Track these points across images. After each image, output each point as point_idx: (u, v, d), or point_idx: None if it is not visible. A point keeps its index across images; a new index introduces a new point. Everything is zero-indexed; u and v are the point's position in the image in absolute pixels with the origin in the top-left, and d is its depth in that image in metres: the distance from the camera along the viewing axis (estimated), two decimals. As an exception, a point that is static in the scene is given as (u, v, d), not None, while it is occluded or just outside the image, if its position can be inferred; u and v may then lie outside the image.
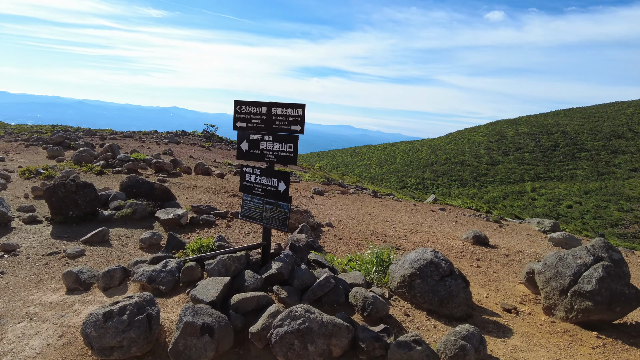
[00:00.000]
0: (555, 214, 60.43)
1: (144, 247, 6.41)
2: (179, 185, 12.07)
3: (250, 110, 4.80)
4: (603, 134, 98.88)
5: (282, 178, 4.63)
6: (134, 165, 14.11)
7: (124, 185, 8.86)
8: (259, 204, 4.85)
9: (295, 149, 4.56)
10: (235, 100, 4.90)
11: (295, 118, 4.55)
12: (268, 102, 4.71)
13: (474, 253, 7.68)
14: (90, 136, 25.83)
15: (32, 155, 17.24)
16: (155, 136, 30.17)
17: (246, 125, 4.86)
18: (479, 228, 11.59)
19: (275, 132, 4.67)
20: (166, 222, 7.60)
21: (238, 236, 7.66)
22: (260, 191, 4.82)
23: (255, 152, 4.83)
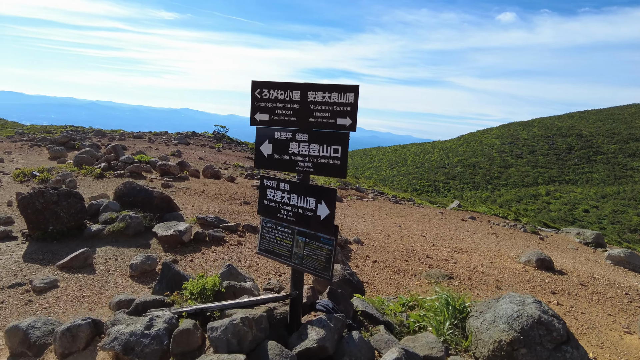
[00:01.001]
0: (571, 218, 58.62)
1: (134, 276, 5.10)
2: (185, 191, 10.82)
3: (275, 96, 3.39)
4: (620, 136, 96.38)
5: (323, 197, 3.19)
6: (137, 167, 12.92)
7: (118, 193, 7.58)
8: (286, 234, 3.42)
9: (344, 154, 3.15)
10: (253, 81, 3.47)
11: (344, 107, 3.15)
12: (303, 84, 3.31)
13: (544, 282, 6.26)
14: (99, 137, 24.96)
15: (34, 156, 16.22)
16: (165, 137, 29.42)
17: (269, 117, 3.44)
18: (522, 242, 10.15)
19: (312, 127, 3.29)
20: (165, 240, 6.30)
21: (251, 257, 6.33)
22: (289, 215, 3.41)
23: (283, 158, 3.43)
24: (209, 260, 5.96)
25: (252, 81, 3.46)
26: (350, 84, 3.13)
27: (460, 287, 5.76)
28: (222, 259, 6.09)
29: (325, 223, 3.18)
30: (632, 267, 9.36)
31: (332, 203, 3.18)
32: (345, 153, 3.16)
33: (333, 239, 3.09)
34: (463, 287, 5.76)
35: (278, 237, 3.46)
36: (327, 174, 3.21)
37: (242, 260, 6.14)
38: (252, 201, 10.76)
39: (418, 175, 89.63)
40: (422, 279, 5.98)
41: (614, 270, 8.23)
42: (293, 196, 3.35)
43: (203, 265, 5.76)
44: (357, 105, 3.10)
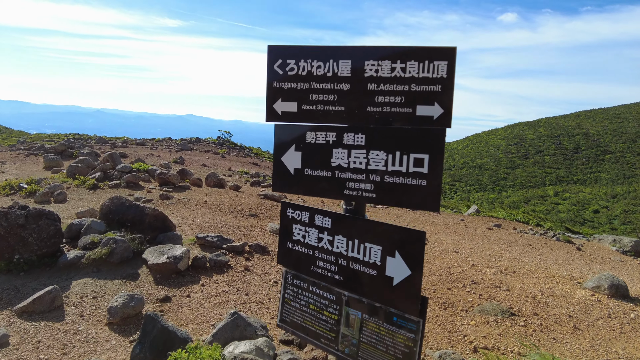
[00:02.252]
0: (581, 219, 57.34)
1: (113, 323, 3.97)
2: (185, 203, 9.71)
3: (309, 70, 2.18)
4: (628, 135, 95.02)
5: (398, 244, 2.03)
6: (134, 177, 11.88)
7: (104, 210, 6.47)
8: (328, 302, 2.21)
9: (435, 169, 1.95)
10: (272, 46, 2.26)
11: (429, 85, 1.96)
12: (357, 47, 2.11)
13: (630, 318, 5.05)
14: (100, 144, 24.15)
15: (29, 165, 15.28)
16: (168, 143, 28.65)
17: (298, 108, 2.24)
18: (563, 255, 8.97)
19: (373, 122, 2.12)
20: (157, 269, 5.18)
21: (262, 289, 5.19)
22: (332, 272, 2.23)
23: (320, 176, 2.24)
24: (210, 295, 4.83)
25: (268, 46, 2.25)
26: (440, 46, 1.94)
27: (529, 327, 4.59)
28: (225, 293, 4.96)
29: (403, 292, 1.97)
30: (695, 283, 8.15)
31: (417, 255, 1.97)
32: (438, 166, 1.95)
33: (419, 322, 1.91)
34: (532, 327, 4.59)
35: (313, 305, 2.25)
36: (402, 203, 2.01)
37: (250, 294, 5.00)
38: (260, 213, 9.65)
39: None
40: (477, 316, 4.81)
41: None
42: (339, 239, 2.15)
43: (202, 303, 4.62)
44: (454, 82, 1.93)
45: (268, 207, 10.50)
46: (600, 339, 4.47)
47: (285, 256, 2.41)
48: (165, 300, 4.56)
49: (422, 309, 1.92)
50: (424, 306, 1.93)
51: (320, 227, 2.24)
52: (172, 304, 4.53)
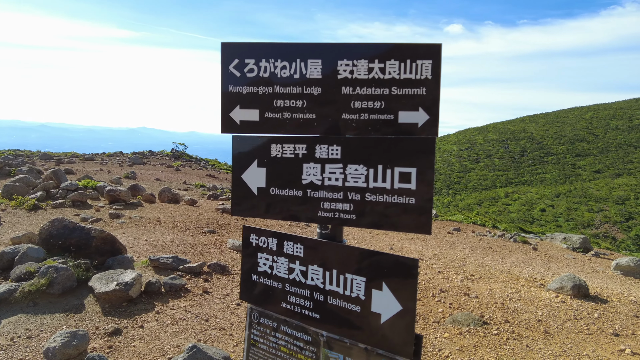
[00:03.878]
0: (530, 218, 60.45)
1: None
2: (137, 221, 9.10)
3: (272, 71, 1.90)
4: (567, 138, 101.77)
5: (386, 274, 1.77)
6: (81, 195, 11.05)
7: (44, 235, 5.84)
8: (302, 344, 1.89)
9: (425, 185, 1.72)
10: (225, 44, 1.94)
11: (412, 87, 1.74)
12: (328, 45, 1.85)
13: (594, 318, 5.10)
14: (44, 160, 22.58)
15: (-44, 186, 13.84)
16: (120, 158, 27.36)
17: (261, 116, 1.94)
18: (523, 256, 9.19)
19: (349, 131, 1.86)
20: (105, 297, 4.68)
21: (224, 313, 4.81)
22: (306, 308, 1.93)
23: (288, 196, 1.95)
24: (165, 324, 4.40)
25: (222, 44, 1.93)
26: (424, 43, 1.74)
27: (502, 336, 4.50)
28: (183, 320, 4.55)
29: (394, 330, 1.71)
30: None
31: (409, 287, 1.71)
32: (427, 181, 1.71)
33: None
34: (505, 335, 4.50)
35: (284, 347, 1.94)
36: (387, 224, 1.76)
37: (211, 320, 4.62)
38: (218, 228, 9.21)
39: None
40: (450, 327, 4.68)
41: (632, 284, 7.32)
42: (314, 270, 1.87)
43: (158, 334, 4.19)
44: (440, 83, 1.71)
45: (227, 222, 10.06)
46: (571, 342, 4.46)
47: (250, 291, 2.08)
48: (115, 334, 4.09)
49: (416, 349, 1.69)
50: (418, 346, 1.69)
51: (291, 255, 1.95)
52: (123, 337, 4.06)
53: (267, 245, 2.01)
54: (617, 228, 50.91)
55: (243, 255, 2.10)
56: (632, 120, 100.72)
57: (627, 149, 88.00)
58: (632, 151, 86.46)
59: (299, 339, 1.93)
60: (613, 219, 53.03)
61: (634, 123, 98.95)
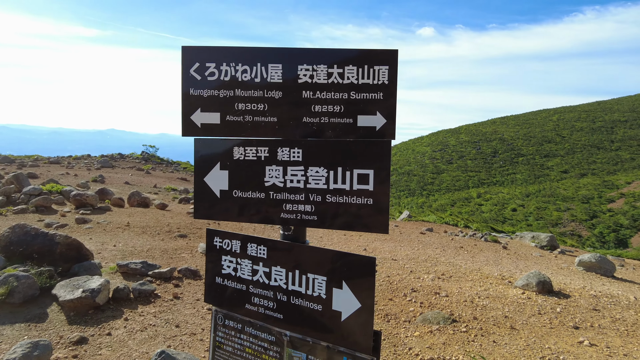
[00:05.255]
0: (502, 218, 62.11)
1: (12, 380, 3.34)
2: (105, 226, 8.86)
3: (233, 75, 1.90)
4: (536, 139, 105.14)
5: (345, 273, 1.80)
6: (45, 200, 10.66)
7: (3, 242, 5.61)
8: (267, 344, 1.90)
9: (382, 185, 1.77)
10: (186, 47, 1.94)
11: (370, 92, 1.78)
12: (288, 49, 1.88)
13: (557, 313, 5.28)
14: (5, 164, 21.65)
15: None
16: (87, 161, 26.49)
17: (222, 119, 1.94)
18: (493, 255, 9.44)
19: (310, 135, 1.90)
20: (70, 305, 4.53)
21: (194, 318, 4.74)
22: (270, 309, 1.95)
23: (251, 198, 1.96)
24: (134, 331, 4.30)
25: (183, 47, 1.93)
26: (381, 49, 1.79)
27: (470, 333, 4.61)
28: (153, 326, 4.45)
29: (353, 328, 1.74)
30: (603, 272, 8.93)
31: (367, 285, 1.75)
32: (384, 183, 1.75)
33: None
34: (473, 332, 4.61)
35: (249, 349, 1.95)
36: (347, 225, 1.80)
37: (181, 325, 4.54)
38: (189, 233, 9.07)
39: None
40: (420, 326, 4.75)
41: (594, 279, 7.64)
42: (277, 271, 1.88)
43: (126, 341, 4.09)
44: (396, 88, 1.76)
45: (198, 226, 9.92)
46: (535, 336, 4.62)
47: (214, 293, 2.08)
48: (80, 343, 3.97)
49: (375, 345, 1.72)
50: (377, 342, 1.72)
51: (255, 257, 1.95)
52: (89, 345, 3.94)
53: (231, 247, 2.01)
54: (583, 226, 52.92)
55: (207, 258, 2.08)
56: (595, 122, 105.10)
57: (591, 150, 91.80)
58: (595, 152, 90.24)
59: (263, 340, 1.94)
60: (579, 217, 55.11)
61: (596, 125, 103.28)
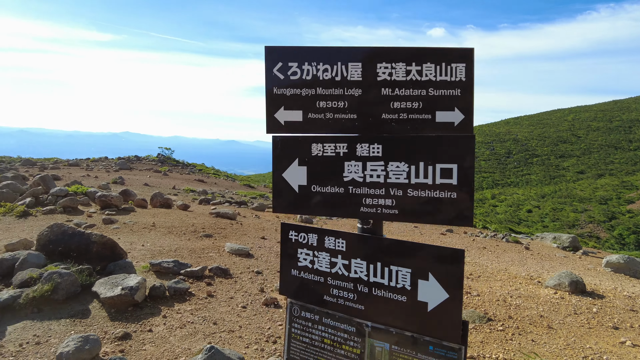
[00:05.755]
0: (517, 219, 61.36)
1: (65, 373, 3.44)
2: (132, 226, 9.01)
3: (314, 74, 1.95)
4: (550, 139, 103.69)
5: (432, 266, 1.84)
6: (72, 201, 10.88)
7: (43, 240, 5.76)
8: (347, 335, 1.92)
9: (465, 180, 1.79)
10: (269, 47, 1.98)
11: (448, 89, 1.82)
12: (368, 49, 1.92)
13: (593, 313, 5.24)
14: (27, 167, 22.17)
15: (-62, 194, 13.48)
16: (105, 163, 26.97)
17: (304, 117, 2.00)
18: (517, 256, 9.37)
19: (390, 130, 1.93)
20: (110, 302, 4.64)
21: (230, 316, 4.81)
22: (350, 300, 1.97)
23: (330, 193, 2.00)
24: (174, 328, 4.38)
25: (266, 47, 1.99)
26: (458, 47, 1.82)
27: (507, 332, 4.60)
28: (191, 323, 4.53)
29: (440, 318, 1.77)
30: (632, 273, 8.80)
31: (456, 276, 1.78)
32: (469, 177, 1.78)
33: (460, 349, 1.72)
34: (510, 331, 4.60)
35: (328, 339, 1.99)
36: (428, 218, 1.84)
37: (219, 322, 4.61)
38: (214, 233, 9.17)
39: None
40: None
41: (623, 280, 7.53)
42: (357, 264, 1.92)
43: (167, 337, 4.18)
44: (473, 84, 1.81)
45: (222, 226, 10.02)
46: (574, 336, 4.59)
47: (289, 285, 2.14)
48: (125, 338, 4.07)
49: (463, 334, 1.76)
50: (465, 331, 1.76)
51: (333, 250, 2.00)
52: (133, 341, 4.04)
53: (307, 240, 2.06)
54: (601, 227, 52.01)
55: (282, 252, 2.14)
56: (612, 122, 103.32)
57: (608, 150, 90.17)
58: (612, 152, 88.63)
59: (342, 330, 1.98)
60: (597, 218, 54.17)
61: (613, 125, 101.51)
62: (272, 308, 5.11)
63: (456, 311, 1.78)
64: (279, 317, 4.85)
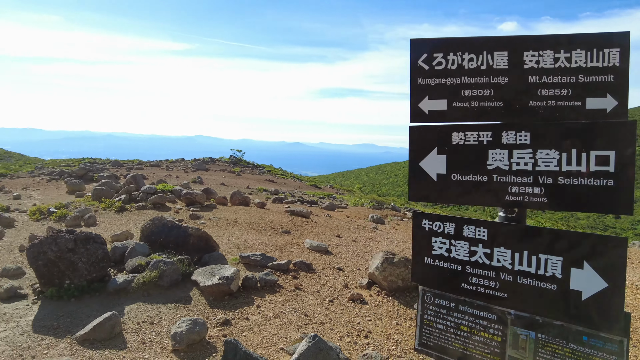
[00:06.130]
0: (602, 226, 56.23)
1: (179, 350, 3.76)
2: (216, 222, 9.56)
3: (459, 64, 1.99)
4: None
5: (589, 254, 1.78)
6: (160, 198, 11.77)
7: (146, 232, 6.32)
8: (486, 322, 1.92)
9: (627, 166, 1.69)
10: (415, 40, 2.05)
11: (599, 75, 1.77)
12: (513, 38, 1.93)
13: None
14: (116, 167, 24.41)
15: (52, 190, 15.34)
16: (183, 164, 28.81)
17: (448, 106, 2.02)
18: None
19: (538, 117, 1.92)
20: (210, 291, 4.98)
21: (319, 309, 4.95)
22: (492, 289, 1.97)
23: (471, 181, 2.02)
24: (268, 317, 4.61)
25: (411, 40, 2.05)
26: (611, 32, 1.76)
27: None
28: (283, 314, 4.73)
29: (597, 307, 1.73)
30: None
31: (616, 264, 1.73)
32: (628, 163, 1.69)
33: (621, 341, 1.67)
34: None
35: (464, 326, 2.00)
36: (582, 206, 1.80)
37: (309, 314, 4.77)
38: (292, 230, 9.45)
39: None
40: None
41: None
42: (501, 252, 1.92)
43: (263, 325, 4.40)
44: (629, 70, 1.73)
45: (298, 224, 10.30)
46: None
47: (422, 273, 2.18)
48: (226, 324, 4.35)
49: (625, 326, 1.69)
50: (627, 323, 1.69)
51: (472, 239, 2.02)
52: (233, 327, 4.31)
53: (442, 229, 2.09)
54: None
55: (414, 240, 2.19)
56: None
57: None
58: None
59: (481, 318, 1.99)
60: None
61: None
62: (359, 304, 5.18)
63: (617, 301, 1.71)
64: (367, 313, 4.90)
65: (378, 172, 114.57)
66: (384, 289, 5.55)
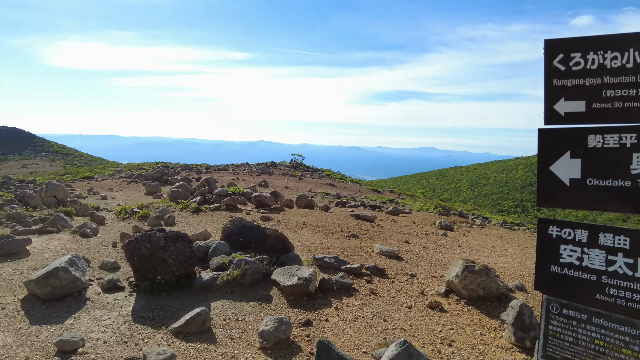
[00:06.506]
0: None
1: (266, 348, 3.88)
2: (286, 224, 9.79)
3: (600, 63, 1.86)
4: None
5: None
6: (232, 200, 12.29)
7: (226, 232, 6.62)
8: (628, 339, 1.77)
9: None
10: (549, 40, 1.98)
11: None
12: None
13: None
14: (186, 171, 25.87)
15: (132, 192, 16.63)
16: (247, 168, 29.85)
17: (587, 107, 1.90)
18: None
19: None
20: (289, 290, 5.10)
21: (398, 314, 4.89)
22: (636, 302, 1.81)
23: (609, 186, 1.86)
24: (347, 320, 4.63)
25: (546, 41, 2.00)
26: None
27: None
28: (362, 317, 4.73)
29: None
30: None
31: None
32: None
33: None
34: None
35: (600, 340, 1.87)
36: None
37: (388, 320, 4.73)
38: (359, 234, 9.43)
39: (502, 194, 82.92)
40: None
41: None
42: None
43: (343, 328, 4.43)
44: None
45: (365, 228, 10.26)
46: None
47: (547, 282, 2.08)
48: (307, 325, 4.44)
49: None
50: None
51: (610, 247, 1.89)
52: (315, 328, 4.38)
53: (573, 237, 2.00)
54: None
55: (539, 247, 2.11)
56: None
57: None
58: None
59: (622, 333, 1.86)
60: None
61: None
62: (438, 312, 5.05)
63: None
64: (447, 321, 4.77)
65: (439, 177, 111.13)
66: (463, 298, 5.37)
